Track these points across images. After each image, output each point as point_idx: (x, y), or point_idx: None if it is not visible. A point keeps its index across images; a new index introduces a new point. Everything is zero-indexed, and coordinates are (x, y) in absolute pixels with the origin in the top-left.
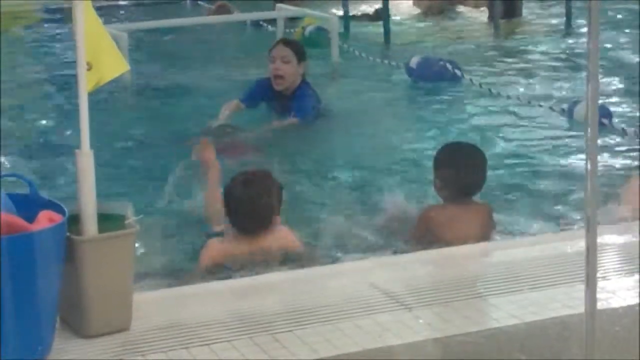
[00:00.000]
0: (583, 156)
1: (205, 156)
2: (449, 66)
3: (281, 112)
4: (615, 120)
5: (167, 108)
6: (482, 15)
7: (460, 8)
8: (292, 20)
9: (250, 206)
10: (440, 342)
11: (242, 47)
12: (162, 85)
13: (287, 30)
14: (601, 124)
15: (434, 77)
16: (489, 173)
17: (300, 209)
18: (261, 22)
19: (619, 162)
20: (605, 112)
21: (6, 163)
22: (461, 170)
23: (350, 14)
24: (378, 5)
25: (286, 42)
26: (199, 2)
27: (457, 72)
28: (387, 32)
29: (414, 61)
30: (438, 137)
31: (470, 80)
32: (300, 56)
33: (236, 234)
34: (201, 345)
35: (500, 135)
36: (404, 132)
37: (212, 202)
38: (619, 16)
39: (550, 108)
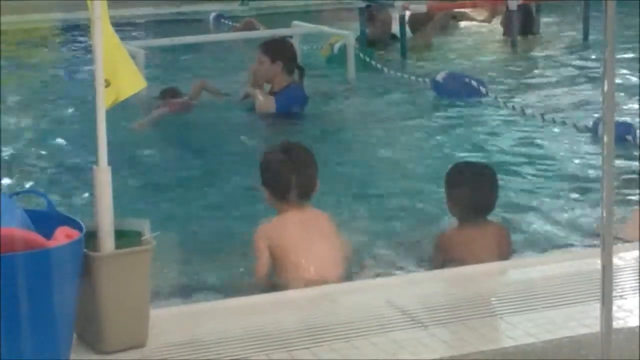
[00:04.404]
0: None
1: None
2: (474, 83)
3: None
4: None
5: (185, 124)
6: (490, 29)
7: (463, 23)
8: None
9: (304, 171)
10: None
11: None
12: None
13: (314, 47)
14: (625, 141)
15: (458, 93)
16: (509, 191)
17: None
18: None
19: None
20: (629, 129)
21: (24, 180)
22: (472, 189)
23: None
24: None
25: (261, 45)
26: (223, 20)
27: (482, 88)
28: (404, 47)
29: (440, 76)
30: (456, 153)
31: (495, 97)
32: (274, 56)
33: (286, 207)
34: None
35: (522, 152)
36: (422, 146)
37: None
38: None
39: (574, 125)
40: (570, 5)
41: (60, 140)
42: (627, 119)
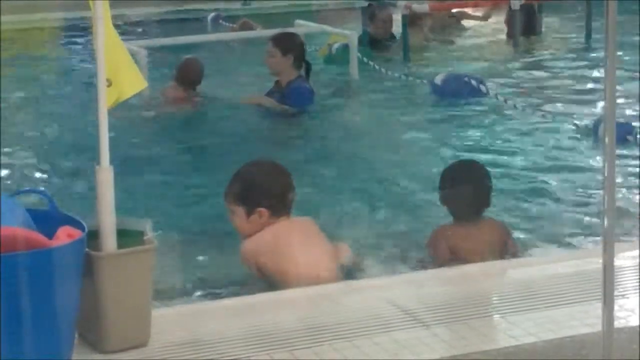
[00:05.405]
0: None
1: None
2: (473, 82)
3: (278, 101)
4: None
5: (187, 123)
6: (493, 28)
7: (468, 23)
8: None
9: (289, 184)
10: None
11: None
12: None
13: (314, 48)
14: (626, 141)
15: (458, 93)
16: (511, 190)
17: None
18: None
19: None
20: (629, 129)
21: (26, 179)
22: (465, 188)
23: None
24: None
25: (272, 37)
26: (221, 21)
27: (482, 87)
28: (406, 49)
29: (438, 78)
30: (457, 152)
31: (496, 96)
32: (285, 49)
33: (272, 219)
34: None
35: (524, 150)
36: (423, 147)
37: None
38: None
39: (576, 125)
40: (572, 5)
41: (61, 139)
42: (629, 115)
